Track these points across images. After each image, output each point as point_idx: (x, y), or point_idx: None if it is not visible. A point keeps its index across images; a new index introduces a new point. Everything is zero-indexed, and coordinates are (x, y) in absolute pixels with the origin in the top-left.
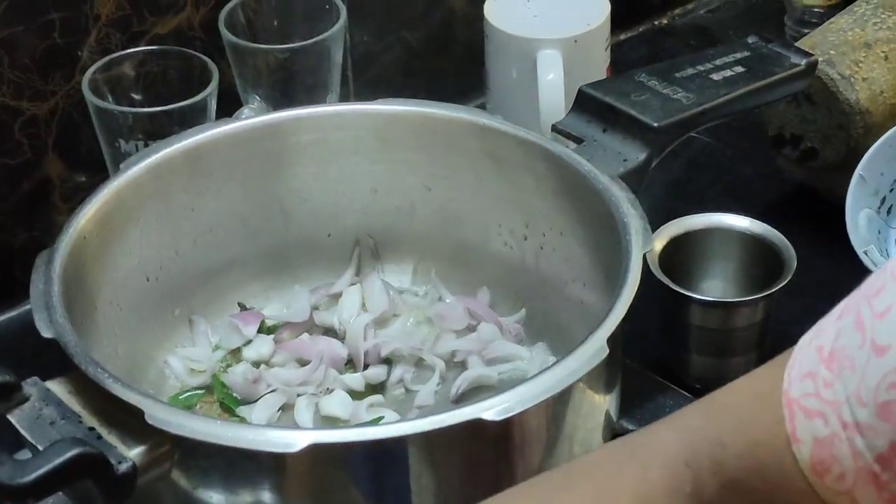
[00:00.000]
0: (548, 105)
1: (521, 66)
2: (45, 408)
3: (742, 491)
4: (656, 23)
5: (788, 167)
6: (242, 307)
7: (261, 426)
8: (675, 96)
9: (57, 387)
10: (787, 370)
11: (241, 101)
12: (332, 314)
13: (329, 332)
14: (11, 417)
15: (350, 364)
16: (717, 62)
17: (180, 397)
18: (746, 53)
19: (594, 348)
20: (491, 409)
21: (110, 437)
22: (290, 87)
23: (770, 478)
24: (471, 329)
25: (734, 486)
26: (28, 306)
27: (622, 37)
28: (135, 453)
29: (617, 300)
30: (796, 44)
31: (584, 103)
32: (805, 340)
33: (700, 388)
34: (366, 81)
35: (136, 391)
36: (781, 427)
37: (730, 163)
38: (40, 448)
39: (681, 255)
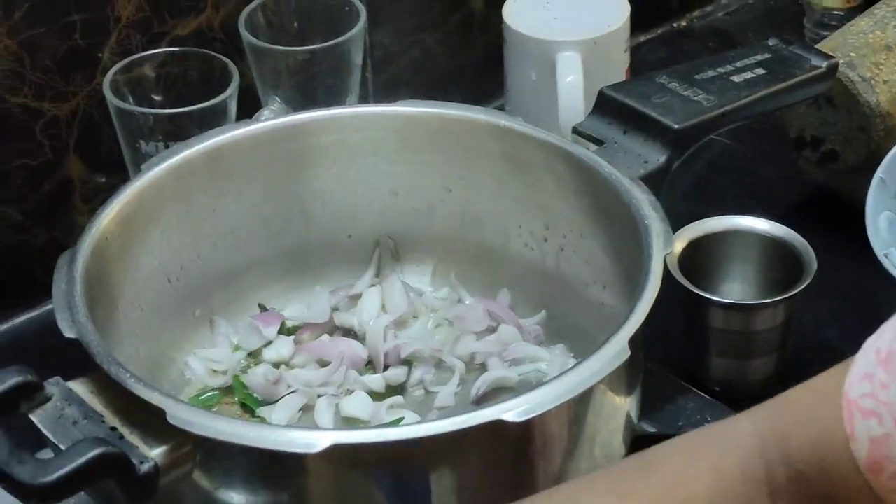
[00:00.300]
0: (567, 107)
1: (540, 69)
2: (67, 408)
3: (806, 483)
4: (675, 25)
5: (809, 169)
6: (263, 308)
7: (282, 426)
8: (695, 98)
9: (79, 387)
10: (849, 372)
11: (261, 102)
12: (352, 315)
13: (349, 333)
14: (34, 417)
15: (370, 365)
16: (738, 64)
17: (200, 398)
18: (767, 56)
19: (615, 350)
20: (512, 411)
21: (132, 437)
22: (309, 88)
23: (830, 473)
24: (491, 331)
25: (799, 478)
26: (49, 306)
27: (641, 39)
28: (157, 453)
29: (638, 302)
30: (816, 46)
31: (605, 105)
32: (868, 343)
33: (720, 390)
34: (385, 83)
35: (159, 391)
36: (841, 426)
37: (750, 165)
38: (62, 448)
39: (701, 258)
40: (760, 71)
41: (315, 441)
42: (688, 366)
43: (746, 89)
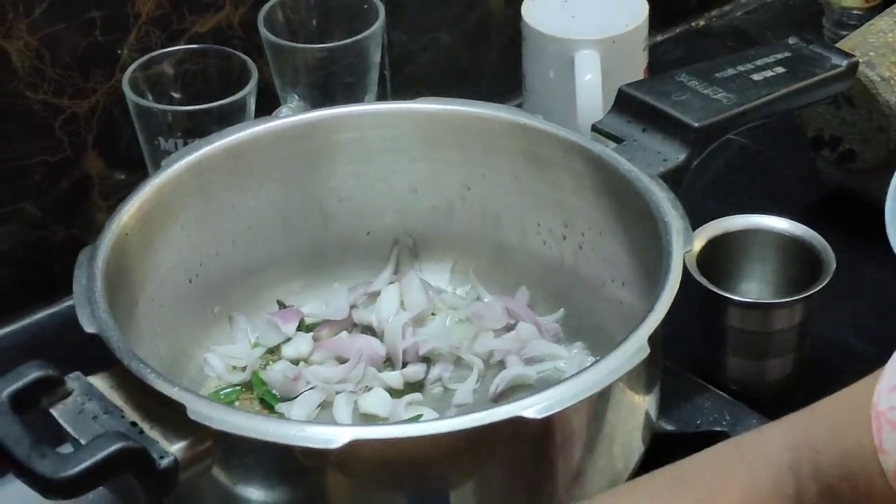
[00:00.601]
0: (585, 106)
1: (558, 67)
2: (87, 402)
3: (836, 497)
4: (693, 24)
5: (827, 169)
6: (282, 305)
7: (302, 422)
8: (715, 97)
9: (99, 382)
10: (878, 383)
11: (280, 100)
12: (370, 312)
13: (367, 330)
14: (54, 412)
15: (388, 362)
16: (758, 63)
17: (220, 394)
18: (787, 54)
19: (635, 347)
20: (532, 407)
21: (152, 432)
22: (328, 86)
23: (859, 486)
24: (509, 328)
25: (829, 491)
26: (68, 303)
27: (659, 38)
28: (176, 448)
29: (658, 300)
30: (836, 45)
31: (625, 103)
32: None
33: (737, 390)
34: (403, 81)
35: (179, 386)
36: (870, 438)
37: (767, 165)
38: (83, 442)
39: (719, 257)
40: (780, 69)
41: (335, 437)
42: (705, 365)
43: (766, 88)
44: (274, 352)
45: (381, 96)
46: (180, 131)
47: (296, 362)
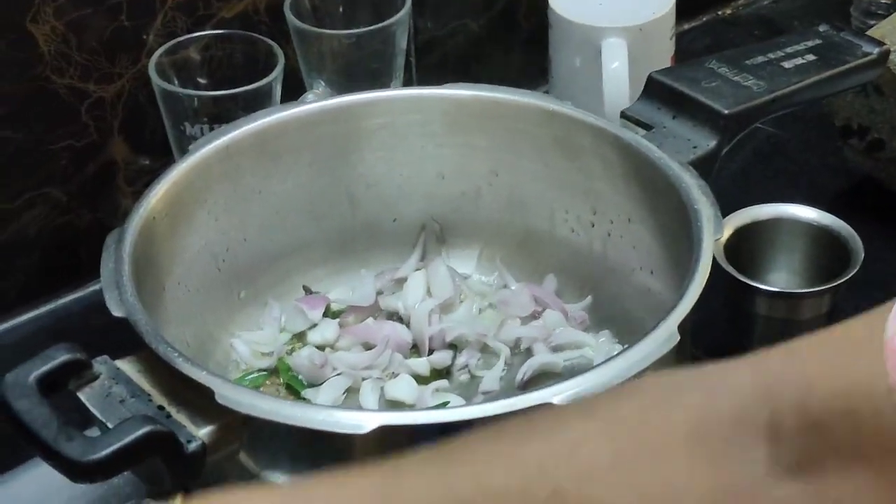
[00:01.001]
0: (612, 94)
1: (585, 55)
2: (114, 386)
3: (826, 433)
4: (720, 13)
5: (854, 158)
6: (308, 291)
7: (331, 407)
8: (745, 84)
9: (126, 365)
10: (890, 319)
11: (305, 86)
12: (396, 299)
13: (393, 316)
14: (81, 395)
15: (415, 349)
16: (788, 50)
17: (245, 379)
18: (818, 41)
19: (665, 335)
20: (561, 395)
21: (179, 416)
22: (354, 72)
23: (863, 424)
24: (536, 316)
25: (818, 428)
26: (92, 287)
27: (685, 26)
28: (204, 432)
29: (688, 287)
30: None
31: (654, 90)
32: None
33: None
34: (428, 68)
35: (207, 370)
36: (881, 375)
37: (795, 154)
38: (110, 426)
39: (746, 246)
40: (811, 57)
41: (363, 422)
42: (731, 354)
43: (797, 75)
44: (300, 337)
45: (407, 83)
46: (206, 117)
47: (322, 348)
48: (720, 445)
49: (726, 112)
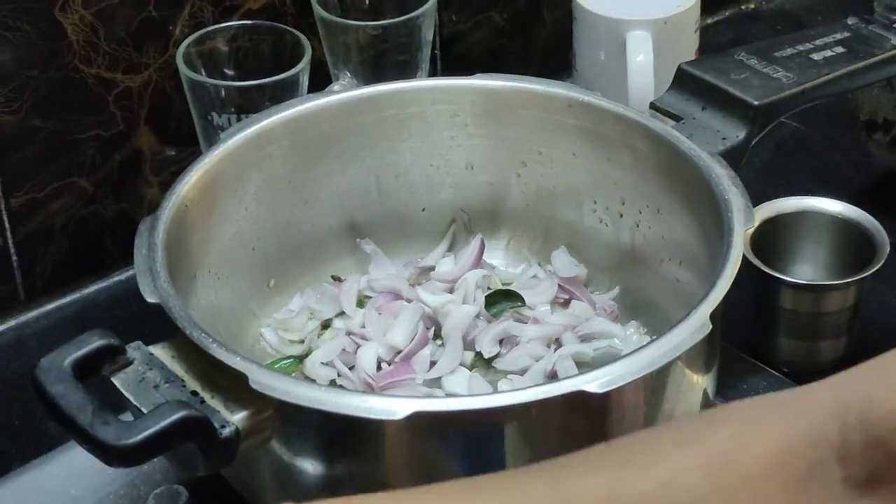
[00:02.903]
0: (637, 86)
1: (609, 47)
2: (148, 371)
3: (886, 451)
4: (743, 7)
5: (879, 152)
6: (337, 279)
7: (364, 393)
8: (775, 75)
9: (160, 351)
10: None
11: (331, 77)
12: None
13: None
14: (115, 380)
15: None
16: (817, 42)
17: (275, 366)
18: (846, 34)
19: (697, 324)
20: (594, 382)
21: (213, 402)
22: (379, 64)
23: None
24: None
25: (878, 444)
26: (117, 277)
27: (709, 21)
28: (238, 418)
29: (720, 276)
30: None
31: (684, 81)
32: None
33: (787, 371)
34: (454, 60)
35: (241, 356)
36: None
37: (818, 148)
38: (144, 411)
39: (772, 238)
40: (840, 49)
41: (397, 408)
42: (755, 346)
43: (826, 67)
44: (328, 325)
45: (432, 75)
46: (233, 107)
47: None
48: (803, 470)
49: (756, 103)
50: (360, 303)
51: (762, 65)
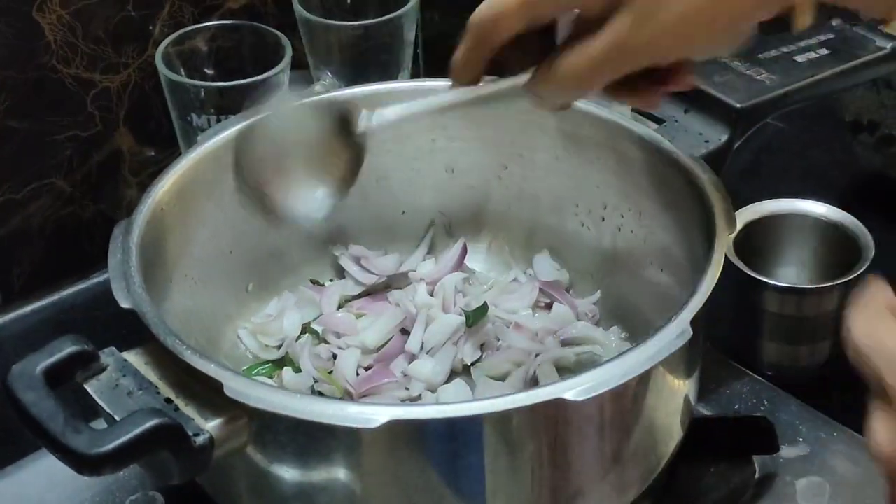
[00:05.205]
0: None
1: None
2: (122, 378)
3: None
4: None
5: (865, 154)
6: (315, 283)
7: (340, 401)
8: (758, 77)
9: (134, 357)
10: None
11: (313, 77)
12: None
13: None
14: (88, 387)
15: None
16: (801, 44)
17: (253, 371)
18: (830, 36)
19: (678, 330)
20: (573, 389)
21: (187, 409)
22: (361, 64)
23: None
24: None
25: None
26: (97, 279)
27: None
28: (212, 426)
29: (701, 281)
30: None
31: None
32: None
33: (773, 374)
34: (435, 61)
35: (216, 362)
36: None
37: (804, 149)
38: (117, 418)
39: (756, 241)
40: (824, 51)
41: (373, 416)
42: (740, 350)
43: (810, 69)
44: (307, 329)
45: (414, 76)
46: (213, 108)
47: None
48: None
49: (739, 106)
50: (339, 305)
51: (745, 67)
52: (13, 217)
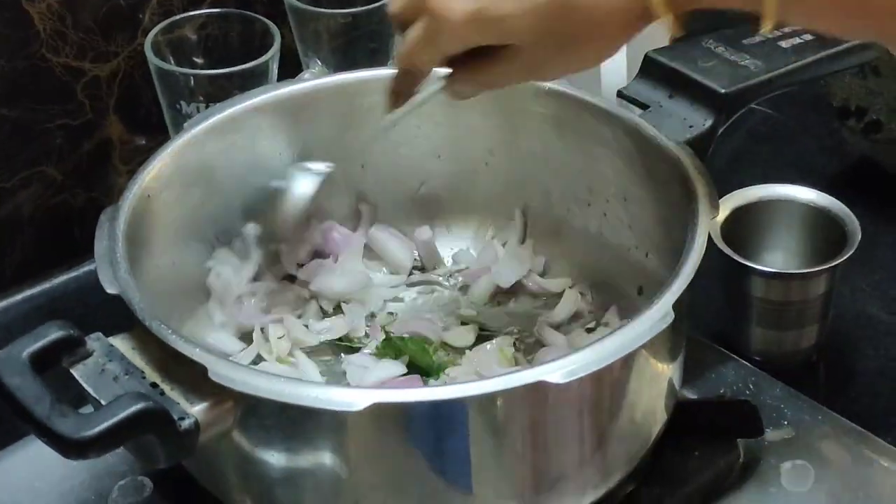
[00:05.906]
0: (609, 72)
1: None
2: (108, 363)
3: None
4: None
5: (852, 139)
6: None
7: (324, 384)
8: (742, 63)
9: (120, 342)
10: None
11: (302, 65)
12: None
13: None
14: (75, 372)
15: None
16: (786, 29)
17: None
18: None
19: (660, 314)
20: (555, 372)
21: (173, 394)
22: (350, 51)
23: None
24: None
25: None
26: (87, 266)
27: None
28: (197, 410)
29: (683, 265)
30: None
31: (651, 69)
32: None
33: (760, 359)
34: None
35: (200, 347)
36: None
37: (791, 135)
38: (103, 403)
39: (743, 227)
40: (808, 36)
41: (356, 399)
42: (728, 335)
43: (794, 55)
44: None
45: None
46: (202, 95)
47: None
48: None
49: (723, 91)
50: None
51: (730, 52)
52: (4, 205)
